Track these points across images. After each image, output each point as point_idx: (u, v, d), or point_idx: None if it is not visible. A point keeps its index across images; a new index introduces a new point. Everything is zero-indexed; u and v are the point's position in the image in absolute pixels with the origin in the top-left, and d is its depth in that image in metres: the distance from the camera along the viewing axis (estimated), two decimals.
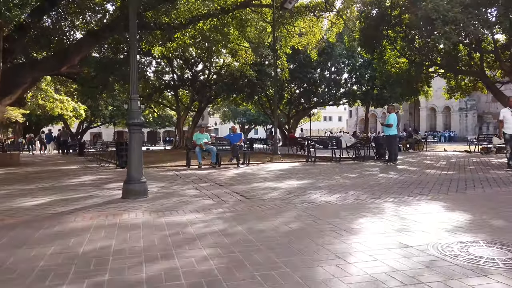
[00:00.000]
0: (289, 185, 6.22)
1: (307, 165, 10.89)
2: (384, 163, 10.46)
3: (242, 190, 5.61)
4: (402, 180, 6.73)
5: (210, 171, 9.24)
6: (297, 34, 20.67)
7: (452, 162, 11.05)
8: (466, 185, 5.97)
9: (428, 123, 50.45)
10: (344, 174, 7.91)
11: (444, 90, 23.45)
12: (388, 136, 10.62)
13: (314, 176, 7.68)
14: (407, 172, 8.31)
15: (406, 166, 9.76)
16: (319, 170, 8.96)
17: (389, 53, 21.45)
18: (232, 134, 11.20)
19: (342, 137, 11.94)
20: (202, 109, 33.14)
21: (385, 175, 7.73)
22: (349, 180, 6.91)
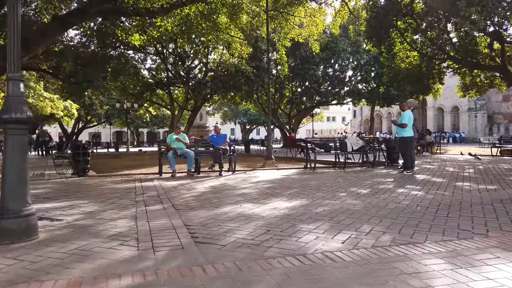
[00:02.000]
0: (274, 210, 4.34)
1: (306, 172, 9.01)
2: (400, 172, 8.55)
3: (200, 222, 3.74)
4: (433, 201, 4.82)
5: (182, 182, 7.38)
6: (297, 25, 18.75)
7: (480, 169, 9.12)
8: None
9: (435, 123, 48.38)
10: (351, 189, 6.02)
11: (458, 88, 21.45)
12: (402, 138, 8.71)
13: (311, 192, 5.79)
14: (433, 185, 6.40)
15: (427, 176, 7.84)
16: (318, 182, 7.07)
17: (399, 47, 19.52)
18: (215, 135, 9.32)
19: (347, 139, 10.03)
20: (198, 108, 31.29)
21: (406, 190, 5.83)
22: (359, 200, 5.02)
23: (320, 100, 32.02)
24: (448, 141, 41.55)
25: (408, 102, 9.25)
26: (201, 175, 8.63)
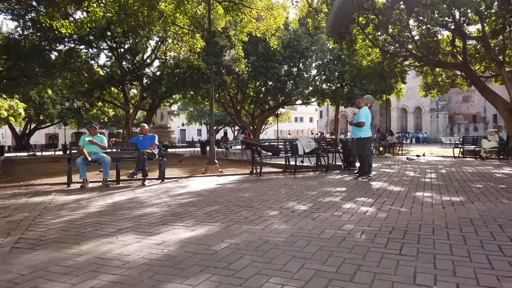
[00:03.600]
0: (157, 246, 3.00)
1: (249, 180, 7.73)
2: (354, 178, 7.43)
3: (16, 276, 2.33)
4: (385, 225, 3.65)
5: (84, 195, 5.87)
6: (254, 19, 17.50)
7: (443, 174, 8.20)
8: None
9: (399, 124, 48.80)
10: (289, 204, 4.77)
11: (420, 87, 21.00)
12: (359, 139, 7.61)
13: (235, 210, 4.49)
14: (388, 197, 5.28)
15: (384, 183, 6.76)
16: (255, 193, 5.79)
17: (360, 43, 18.75)
18: (141, 137, 7.83)
19: (298, 141, 8.83)
20: (155, 107, 29.46)
21: (354, 206, 4.64)
22: (289, 223, 3.77)
23: (284, 99, 31.01)
24: (411, 141, 41.82)
25: (364, 98, 8.18)
26: (120, 185, 7.14)
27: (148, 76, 26.43)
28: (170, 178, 8.07)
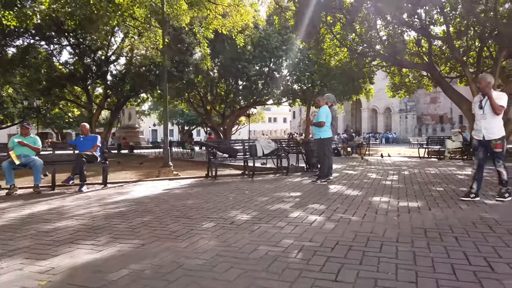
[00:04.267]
0: None
1: (202, 184, 7.16)
2: (313, 181, 7.01)
3: None
4: (326, 237, 3.19)
5: (6, 204, 5.13)
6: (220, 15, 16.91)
7: (405, 176, 7.92)
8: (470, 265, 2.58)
9: (369, 124, 49.48)
10: (230, 213, 4.25)
11: (388, 88, 21.05)
12: (319, 140, 7.19)
13: (167, 223, 3.93)
14: (343, 202, 4.85)
15: (343, 187, 6.36)
16: (201, 200, 5.24)
17: (328, 43, 18.53)
18: (82, 137, 7.10)
19: (257, 141, 8.34)
20: (120, 107, 28.28)
21: (303, 214, 4.18)
22: (218, 239, 3.25)
23: (255, 99, 30.55)
24: (381, 141, 42.42)
25: (325, 96, 7.79)
26: (55, 191, 6.39)
27: (112, 74, 25.30)
28: (116, 183, 7.38)
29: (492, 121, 4.74)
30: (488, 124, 4.75)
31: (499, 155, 4.73)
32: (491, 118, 4.73)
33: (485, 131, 4.78)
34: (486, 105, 4.74)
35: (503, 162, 4.76)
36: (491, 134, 4.74)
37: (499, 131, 4.74)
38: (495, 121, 4.75)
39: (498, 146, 4.70)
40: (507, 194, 4.81)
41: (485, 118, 4.77)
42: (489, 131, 4.74)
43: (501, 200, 4.73)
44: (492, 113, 4.70)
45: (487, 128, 4.76)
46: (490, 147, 4.75)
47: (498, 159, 4.75)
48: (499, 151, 4.71)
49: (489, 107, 4.70)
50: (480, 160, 4.93)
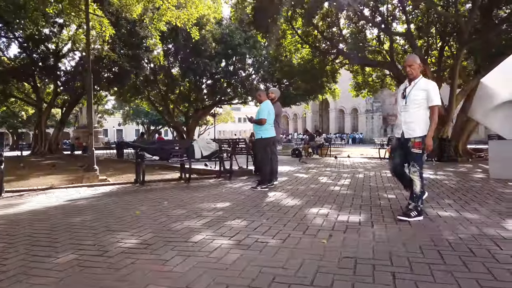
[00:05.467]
0: None
1: (124, 191, 6.07)
2: (253, 188, 6.08)
3: None
4: (218, 285, 2.23)
5: None
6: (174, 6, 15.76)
7: (358, 180, 7.16)
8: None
9: (337, 125, 49.56)
10: (112, 240, 3.25)
11: (351, 87, 20.58)
12: (260, 140, 6.27)
13: (7, 256, 2.84)
14: (272, 216, 3.95)
15: (283, 194, 5.48)
16: (97, 215, 4.19)
17: (290, 39, 17.78)
18: None
19: (195, 142, 7.32)
20: (72, 105, 26.42)
21: (211, 237, 3.24)
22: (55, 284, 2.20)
23: (220, 98, 29.47)
24: (348, 141, 42.46)
25: (270, 90, 6.91)
26: None
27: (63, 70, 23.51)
28: (17, 192, 6.14)
29: (414, 114, 3.69)
30: (410, 117, 3.72)
31: (416, 158, 3.70)
32: (414, 111, 3.70)
33: (405, 126, 3.75)
34: (410, 93, 3.74)
35: (419, 169, 3.70)
36: (411, 130, 3.70)
37: (422, 128, 3.68)
38: (419, 114, 3.69)
39: (416, 144, 3.66)
40: (414, 213, 3.66)
41: (407, 110, 3.75)
42: (410, 126, 3.71)
43: (405, 219, 3.62)
44: (416, 104, 3.69)
45: (408, 123, 3.73)
46: (409, 147, 3.71)
47: (414, 164, 3.71)
48: (416, 152, 3.69)
49: (414, 97, 3.72)
50: (394, 166, 3.89)
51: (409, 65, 3.75)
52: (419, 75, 3.77)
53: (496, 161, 7.20)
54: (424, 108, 3.71)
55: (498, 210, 4.14)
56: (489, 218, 3.76)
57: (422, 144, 3.67)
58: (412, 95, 3.73)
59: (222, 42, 24.11)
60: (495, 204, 4.47)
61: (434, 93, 3.67)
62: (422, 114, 3.72)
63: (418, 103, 3.70)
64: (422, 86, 3.71)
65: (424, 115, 3.72)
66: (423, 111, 3.72)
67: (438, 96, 3.69)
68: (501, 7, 12.88)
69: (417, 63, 3.75)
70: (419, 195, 3.74)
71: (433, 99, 3.67)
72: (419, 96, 3.69)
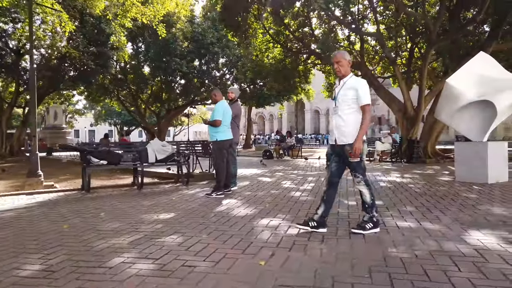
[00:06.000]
0: None
1: (66, 200, 5.49)
2: (207, 195, 5.62)
3: None
4: None
5: None
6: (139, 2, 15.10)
7: (323, 183, 6.83)
8: None
9: (312, 125, 49.71)
10: (12, 265, 2.69)
11: (324, 88, 20.43)
12: (216, 143, 5.80)
13: None
14: (214, 232, 3.52)
15: (238, 202, 5.06)
16: (10, 233, 3.63)
17: (261, 38, 17.43)
18: None
19: (149, 145, 6.79)
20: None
21: (135, 259, 2.78)
22: None
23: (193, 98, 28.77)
24: (323, 142, 42.59)
25: (230, 89, 6.48)
26: None
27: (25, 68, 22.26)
28: None
29: (346, 117, 3.28)
30: (341, 121, 3.30)
31: (355, 167, 3.29)
32: (345, 113, 3.28)
33: (337, 131, 3.33)
34: (339, 94, 3.36)
35: (362, 177, 3.30)
36: (344, 136, 3.29)
37: (355, 132, 3.24)
38: (351, 117, 3.27)
39: (353, 153, 3.24)
40: (369, 225, 3.29)
41: (337, 112, 3.33)
42: (342, 131, 3.30)
43: (359, 233, 3.27)
44: (347, 105, 3.27)
45: (339, 128, 3.31)
46: (345, 155, 3.30)
47: (356, 174, 3.31)
48: (355, 161, 3.27)
49: (343, 97, 3.29)
50: (331, 174, 3.43)
51: (336, 62, 3.36)
52: (349, 73, 3.40)
53: (461, 164, 7.03)
54: (356, 110, 3.29)
55: (461, 218, 3.86)
56: (450, 228, 3.46)
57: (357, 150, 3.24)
58: (341, 95, 3.34)
59: (194, 40, 23.52)
60: (458, 212, 4.20)
61: (364, 92, 3.26)
62: (355, 117, 3.29)
63: (349, 104, 3.29)
64: (351, 84, 3.32)
65: (357, 117, 3.29)
66: (356, 114, 3.29)
67: (367, 95, 3.27)
68: (469, 9, 12.95)
69: (345, 59, 3.36)
70: (371, 204, 3.34)
71: (363, 97, 3.24)
72: (349, 96, 3.29)
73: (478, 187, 6.11)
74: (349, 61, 3.38)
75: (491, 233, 3.28)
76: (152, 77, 25.83)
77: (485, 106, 6.65)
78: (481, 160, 6.67)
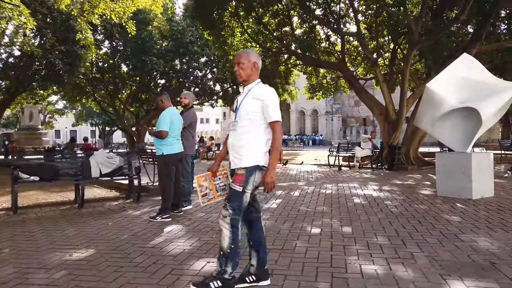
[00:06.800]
0: None
1: None
2: (151, 218, 4.81)
3: None
4: None
5: None
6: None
7: (289, 201, 6.08)
8: None
9: (298, 126, 49.17)
10: None
11: (305, 89, 19.76)
12: (161, 157, 4.97)
13: None
14: (120, 278, 2.72)
15: (184, 229, 4.28)
16: None
17: (238, 37, 16.65)
18: None
19: (93, 157, 5.93)
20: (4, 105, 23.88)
21: None
22: None
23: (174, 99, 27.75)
24: (308, 143, 42.08)
25: (183, 94, 5.68)
26: None
27: None
28: None
29: (245, 135, 2.49)
30: (239, 140, 2.52)
31: (232, 197, 2.47)
32: (245, 129, 2.50)
33: (232, 152, 2.56)
34: (241, 104, 2.55)
35: (231, 214, 2.43)
36: (237, 158, 2.52)
37: (253, 156, 2.46)
38: (251, 135, 2.49)
39: (238, 178, 2.46)
40: (215, 284, 2.44)
41: (235, 128, 2.55)
42: (238, 152, 2.52)
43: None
44: (248, 119, 2.48)
45: (236, 148, 2.53)
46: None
47: (228, 204, 2.45)
48: (236, 190, 2.46)
49: (245, 108, 2.50)
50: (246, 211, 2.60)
51: (237, 63, 2.59)
52: (255, 79, 2.61)
53: (443, 176, 6.38)
54: (259, 127, 2.50)
55: (440, 257, 3.16)
56: (426, 277, 2.74)
57: (245, 178, 2.44)
58: (243, 105, 2.54)
59: (172, 39, 22.63)
60: (438, 245, 3.50)
61: (273, 104, 2.47)
62: (257, 136, 2.50)
63: (251, 118, 2.49)
64: (256, 93, 2.53)
65: (260, 137, 2.50)
66: (259, 132, 2.50)
67: (277, 109, 2.50)
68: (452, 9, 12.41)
69: (250, 61, 2.57)
70: (227, 254, 2.45)
71: (271, 112, 2.46)
72: (252, 108, 2.49)
73: (462, 204, 5.46)
74: (254, 64, 2.57)
75: (476, 285, 2.57)
76: (129, 77, 24.86)
77: (469, 113, 6.01)
78: (464, 173, 6.03)
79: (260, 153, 2.49)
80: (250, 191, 2.48)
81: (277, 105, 2.51)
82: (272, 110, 2.47)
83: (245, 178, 2.45)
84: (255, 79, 2.61)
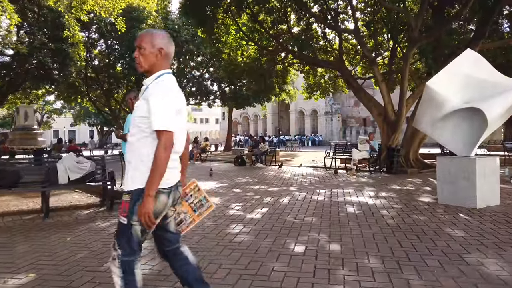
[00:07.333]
0: None
1: None
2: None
3: None
4: None
5: None
6: None
7: (279, 208, 5.57)
8: None
9: (297, 126, 48.60)
10: None
11: (303, 89, 19.23)
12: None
13: None
14: None
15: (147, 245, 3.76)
16: None
17: (233, 35, 16.12)
18: None
19: (60, 162, 5.41)
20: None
21: None
22: None
23: None
24: (307, 144, 41.54)
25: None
26: None
27: None
28: None
29: (134, 145, 1.89)
30: (128, 153, 1.94)
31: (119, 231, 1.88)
32: (135, 138, 1.90)
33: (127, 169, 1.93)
34: (136, 107, 1.92)
35: (122, 255, 1.84)
36: (126, 178, 1.92)
37: (140, 175, 1.83)
38: (140, 146, 1.86)
39: (122, 206, 1.87)
40: None
41: (130, 142, 1.94)
42: (128, 169, 1.92)
43: None
44: (138, 127, 1.87)
45: (128, 163, 1.92)
46: None
47: (117, 243, 1.85)
48: (121, 222, 1.85)
49: (135, 112, 1.90)
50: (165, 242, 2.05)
51: (138, 46, 1.94)
52: (159, 69, 1.94)
53: (445, 183, 5.85)
54: (148, 136, 1.85)
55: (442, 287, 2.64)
56: None
57: (129, 206, 1.83)
58: (136, 107, 1.90)
59: None
60: (439, 270, 2.98)
61: (157, 107, 1.81)
62: (145, 147, 1.85)
63: (139, 125, 1.88)
64: (149, 90, 1.89)
65: (150, 150, 1.82)
66: (146, 142, 1.85)
67: (163, 113, 1.81)
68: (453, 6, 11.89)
69: (155, 45, 1.91)
70: None
71: (154, 117, 1.81)
72: (141, 112, 1.87)
73: (465, 215, 4.94)
74: (160, 50, 1.91)
75: None
76: (123, 76, 24.39)
77: (473, 114, 5.49)
78: (468, 180, 5.50)
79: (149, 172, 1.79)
80: (138, 223, 1.82)
81: (165, 107, 1.82)
82: (155, 114, 1.80)
83: (129, 206, 1.82)
84: (158, 69, 1.93)
